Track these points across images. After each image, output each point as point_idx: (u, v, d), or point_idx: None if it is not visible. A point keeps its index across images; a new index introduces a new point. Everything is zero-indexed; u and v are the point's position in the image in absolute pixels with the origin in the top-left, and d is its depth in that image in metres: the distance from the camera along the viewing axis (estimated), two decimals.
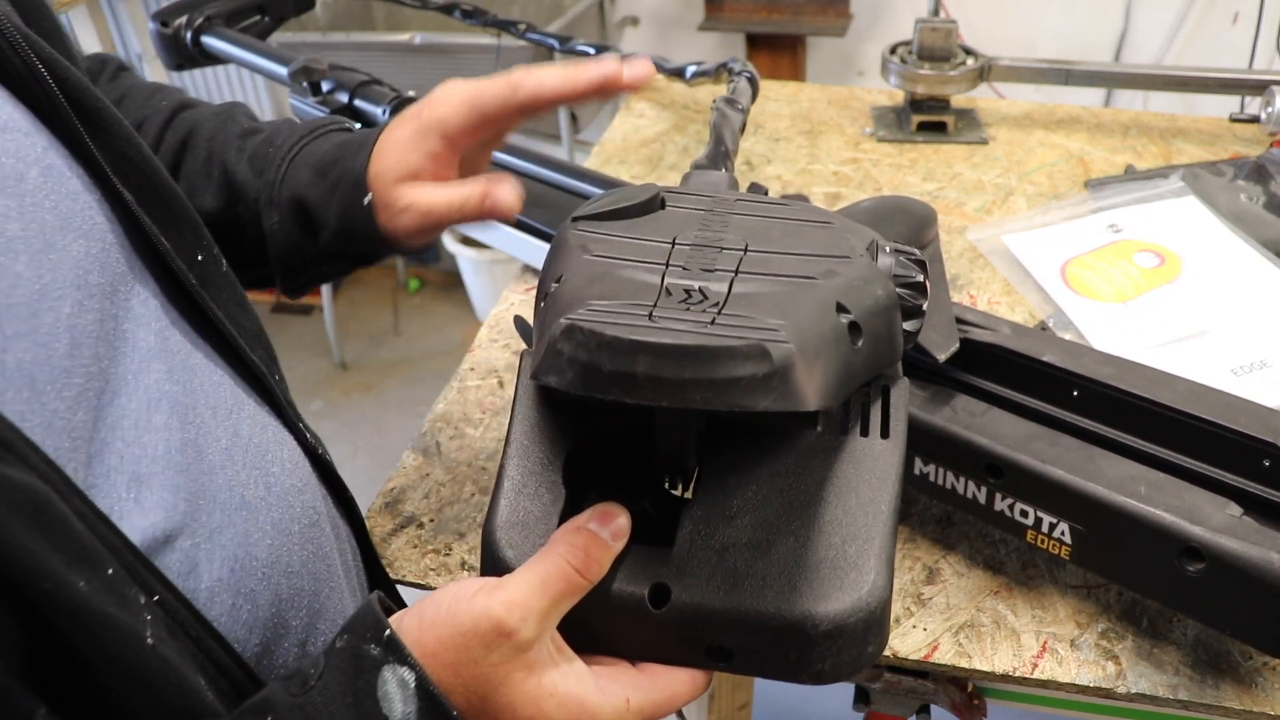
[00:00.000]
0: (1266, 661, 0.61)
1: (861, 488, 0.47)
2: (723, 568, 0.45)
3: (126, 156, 0.47)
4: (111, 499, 0.40)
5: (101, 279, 0.43)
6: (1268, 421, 0.58)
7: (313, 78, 1.11)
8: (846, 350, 0.44)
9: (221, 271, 0.51)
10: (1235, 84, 1.25)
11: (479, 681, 0.41)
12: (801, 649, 0.44)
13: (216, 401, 0.47)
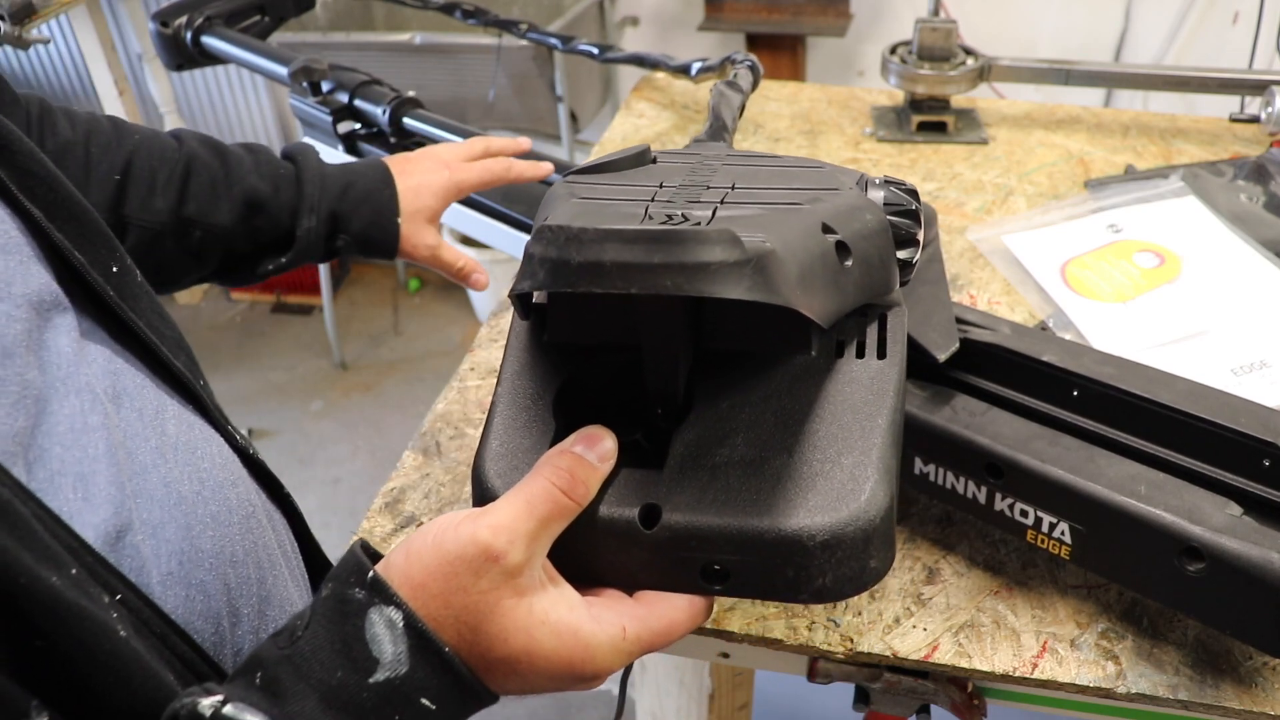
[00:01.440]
0: (1266, 661, 0.61)
1: (857, 404, 0.46)
2: (715, 485, 0.44)
3: (31, 172, 0.47)
4: (60, 500, 0.40)
5: (25, 290, 0.43)
6: (1268, 421, 0.58)
7: (313, 78, 1.11)
8: (834, 268, 0.43)
9: (137, 282, 0.52)
10: (1235, 84, 1.25)
11: (469, 610, 0.40)
12: (799, 564, 0.42)
13: (141, 405, 0.47)
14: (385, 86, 1.10)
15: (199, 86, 2.68)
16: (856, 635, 0.63)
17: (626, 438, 0.46)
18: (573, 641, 0.42)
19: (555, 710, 1.79)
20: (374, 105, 1.08)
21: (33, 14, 1.74)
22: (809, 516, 0.42)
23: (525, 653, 0.41)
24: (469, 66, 2.21)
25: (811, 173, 0.51)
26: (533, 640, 0.41)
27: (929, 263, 0.72)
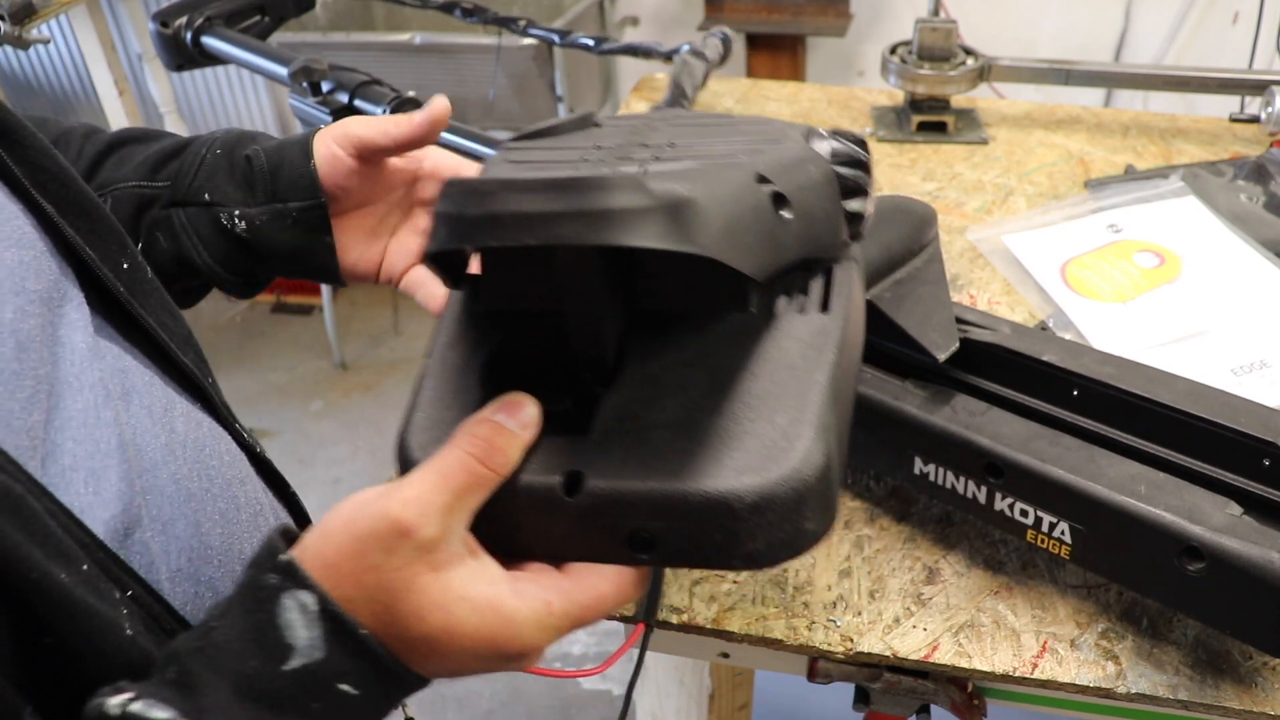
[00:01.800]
0: (1266, 661, 0.61)
1: (795, 360, 0.43)
2: (641, 449, 0.41)
3: (43, 168, 0.47)
4: (72, 495, 0.40)
5: (38, 285, 0.43)
6: (1268, 421, 0.58)
7: (313, 78, 1.11)
8: (770, 219, 0.42)
9: (148, 279, 0.52)
10: (1235, 84, 1.25)
11: (383, 589, 0.39)
12: (728, 528, 0.40)
13: (150, 401, 0.47)
14: (385, 86, 1.10)
15: (199, 86, 2.68)
16: (856, 635, 0.63)
17: (556, 406, 0.44)
18: (494, 617, 0.40)
19: (555, 710, 1.79)
20: (374, 105, 1.08)
21: (33, 14, 1.74)
22: (736, 477, 0.40)
23: (444, 630, 0.39)
24: (469, 66, 2.22)
25: (757, 128, 0.49)
26: (451, 617, 0.39)
27: (929, 263, 0.72)
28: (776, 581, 0.67)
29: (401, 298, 3.06)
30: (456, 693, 1.82)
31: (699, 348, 0.45)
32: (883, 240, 0.71)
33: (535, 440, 0.42)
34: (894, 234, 0.72)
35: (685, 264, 0.39)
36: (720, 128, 0.50)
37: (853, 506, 0.73)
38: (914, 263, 0.72)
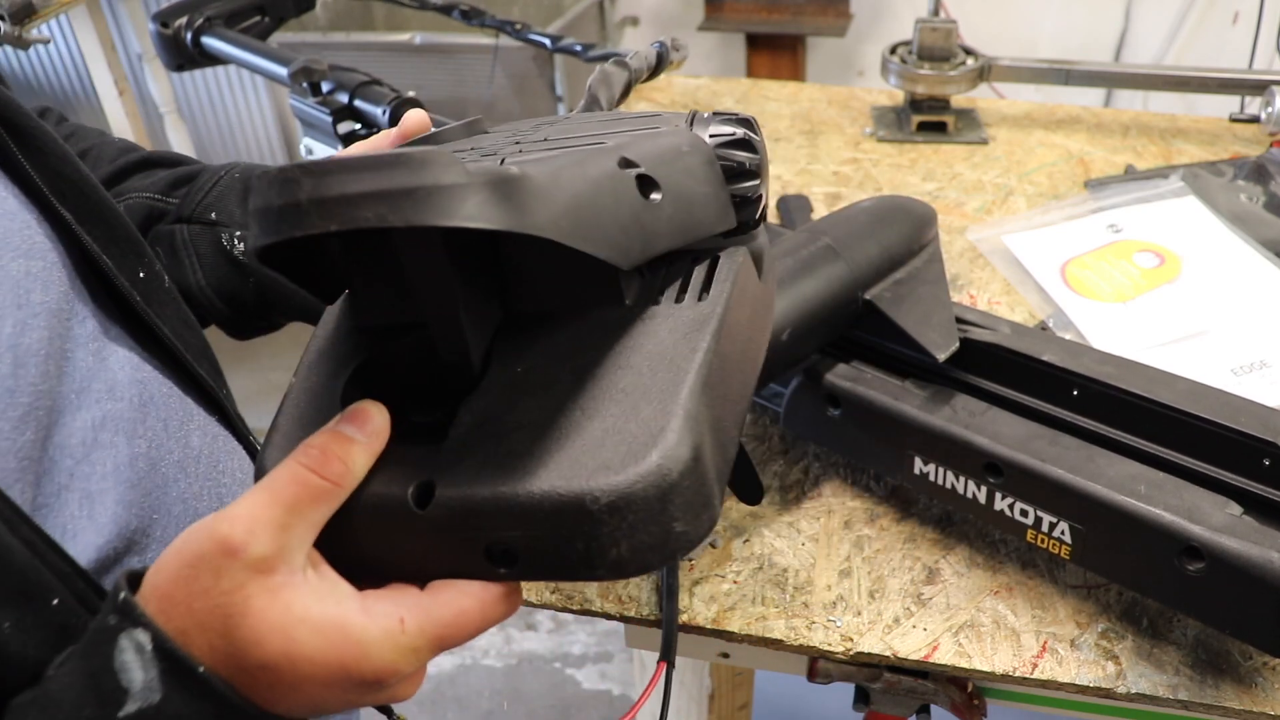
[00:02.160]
0: (1266, 661, 0.61)
1: (667, 351, 0.40)
2: (497, 455, 0.38)
3: (63, 175, 0.46)
4: (64, 517, 0.39)
5: (45, 298, 0.42)
6: (1268, 421, 0.58)
7: (313, 78, 1.11)
8: (635, 204, 0.39)
9: (164, 288, 0.51)
10: (1235, 84, 1.25)
11: (215, 615, 0.35)
12: (587, 534, 0.37)
13: (167, 414, 0.47)
14: (385, 86, 1.10)
15: (199, 87, 2.68)
16: (856, 635, 0.63)
17: (424, 419, 0.41)
18: (339, 638, 0.36)
19: (555, 710, 1.79)
20: (374, 105, 1.08)
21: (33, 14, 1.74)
22: (592, 478, 0.36)
23: (285, 656, 0.36)
24: (469, 66, 2.22)
25: (642, 120, 0.48)
26: (291, 641, 0.35)
27: (929, 262, 0.72)
28: (776, 581, 0.67)
29: None
30: (457, 693, 1.83)
31: (570, 346, 0.42)
32: (883, 240, 0.71)
33: (386, 452, 0.39)
34: (894, 234, 0.72)
35: (555, 260, 0.37)
36: (606, 122, 0.48)
37: (853, 506, 0.73)
38: (914, 262, 0.72)
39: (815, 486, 0.74)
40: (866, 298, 0.68)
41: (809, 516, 0.72)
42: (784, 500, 0.73)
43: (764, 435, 0.79)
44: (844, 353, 0.71)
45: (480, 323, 0.42)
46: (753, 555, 0.69)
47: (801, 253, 0.68)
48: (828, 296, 0.66)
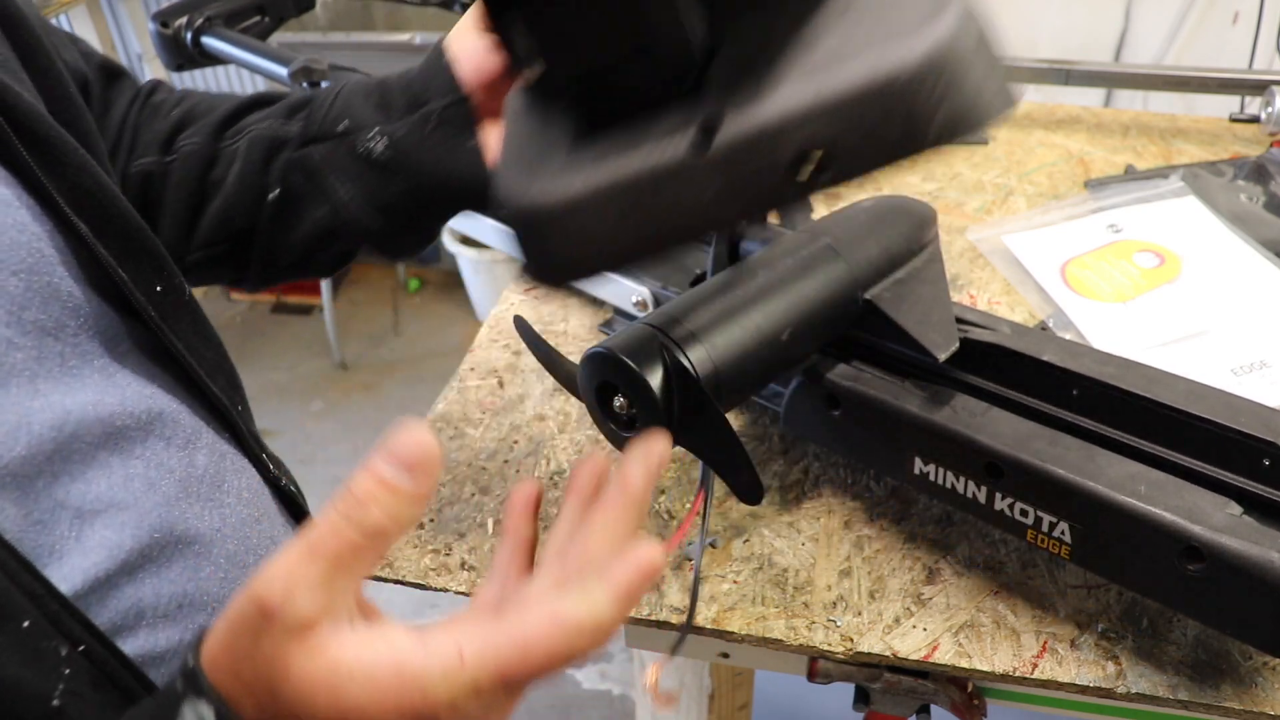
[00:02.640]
0: (1267, 661, 0.61)
1: None
2: (770, 78, 0.35)
3: (81, 187, 0.45)
4: (53, 537, 0.39)
5: (42, 315, 0.42)
6: (1268, 421, 0.58)
7: (313, 78, 1.11)
8: None
9: (183, 301, 0.50)
10: (1235, 84, 1.25)
11: (260, 681, 0.33)
12: (908, 106, 0.34)
13: (172, 432, 0.46)
14: None
15: (199, 86, 2.68)
16: (856, 635, 0.63)
17: (664, 113, 0.37)
18: (394, 682, 0.34)
19: (555, 710, 1.79)
20: None
21: None
22: (889, 50, 0.34)
23: (336, 712, 0.34)
24: None
25: None
26: (339, 698, 0.33)
27: (929, 262, 0.72)
28: (776, 581, 0.67)
29: (402, 298, 3.05)
30: None
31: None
32: (883, 240, 0.71)
33: (645, 119, 0.36)
34: (894, 234, 0.72)
35: None
36: None
37: (853, 506, 0.73)
38: (914, 262, 0.72)
39: (815, 486, 0.74)
40: (866, 298, 0.68)
41: (809, 516, 0.72)
42: (784, 500, 0.73)
43: (764, 435, 0.79)
44: (844, 353, 0.71)
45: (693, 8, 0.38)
46: (753, 555, 0.69)
47: (801, 253, 0.68)
48: (828, 296, 0.66)
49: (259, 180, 0.62)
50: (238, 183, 0.62)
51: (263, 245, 0.64)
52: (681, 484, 0.75)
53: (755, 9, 0.38)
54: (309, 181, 0.61)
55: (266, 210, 0.62)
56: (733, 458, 0.61)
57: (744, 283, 0.65)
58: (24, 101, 0.44)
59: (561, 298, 0.99)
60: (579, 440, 0.80)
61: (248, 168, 0.62)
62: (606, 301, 0.94)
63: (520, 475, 0.77)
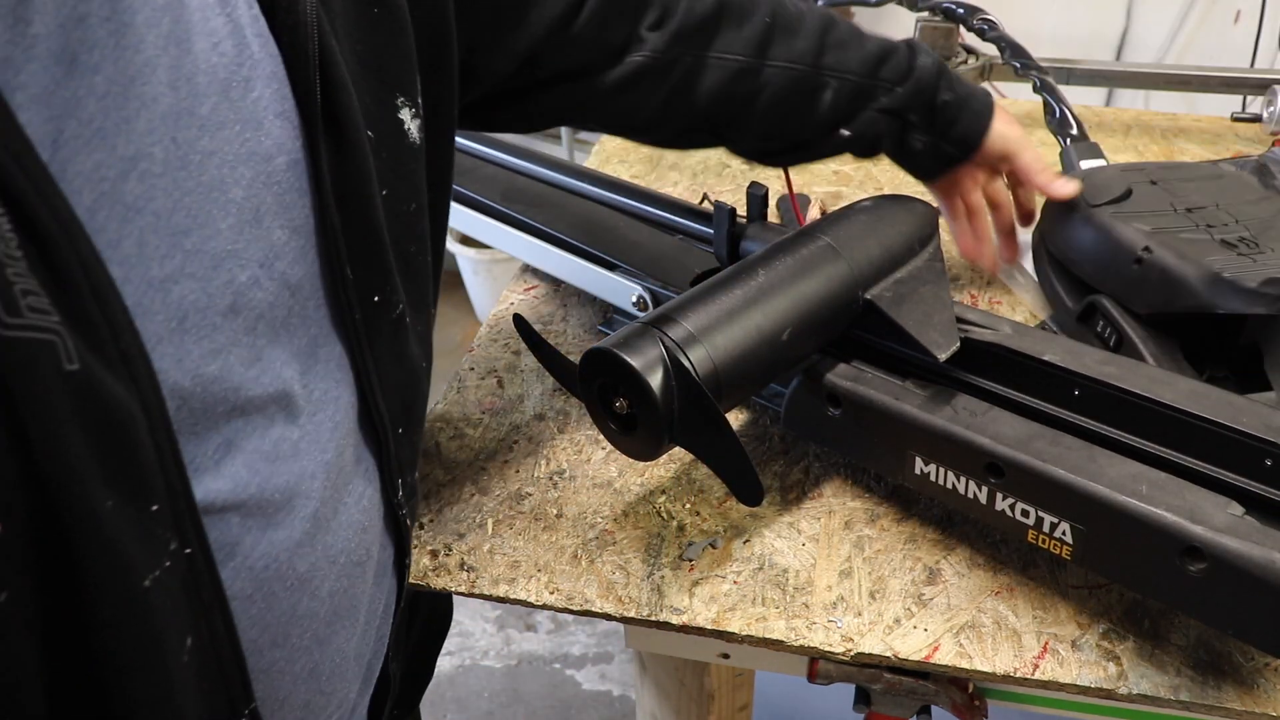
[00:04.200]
0: (1268, 662, 0.61)
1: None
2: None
3: (352, 184, 0.48)
4: (200, 452, 0.41)
5: (288, 270, 0.44)
6: (1269, 421, 0.58)
7: None
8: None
9: (391, 318, 0.52)
10: (1237, 83, 1.25)
11: None
12: None
13: (324, 418, 0.48)
14: None
15: None
16: (857, 636, 0.63)
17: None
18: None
19: (555, 710, 1.79)
20: None
21: None
22: None
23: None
24: None
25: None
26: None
27: (930, 262, 0.72)
28: (777, 582, 0.67)
29: None
30: (457, 693, 1.82)
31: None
32: (883, 239, 0.71)
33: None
34: (894, 233, 0.72)
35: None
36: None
37: (853, 507, 0.72)
38: (915, 262, 0.72)
39: (815, 487, 0.74)
40: (867, 297, 0.68)
41: (809, 517, 0.72)
42: (784, 500, 0.73)
43: (764, 435, 0.79)
44: (844, 353, 0.71)
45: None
46: (753, 555, 0.69)
47: (801, 252, 0.68)
48: (828, 296, 0.66)
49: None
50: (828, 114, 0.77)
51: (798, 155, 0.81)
52: (681, 484, 0.75)
53: None
54: (876, 129, 0.79)
55: (831, 143, 0.79)
56: (733, 458, 0.61)
57: (744, 283, 0.64)
58: (348, 98, 0.46)
59: (562, 297, 0.99)
60: (579, 440, 0.80)
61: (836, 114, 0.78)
62: (606, 301, 0.94)
63: (520, 475, 0.76)
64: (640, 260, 0.90)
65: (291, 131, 0.44)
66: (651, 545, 0.70)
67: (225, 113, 0.41)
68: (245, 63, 0.41)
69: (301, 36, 0.43)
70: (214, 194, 0.40)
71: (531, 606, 0.66)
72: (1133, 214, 0.80)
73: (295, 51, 0.44)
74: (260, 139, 0.42)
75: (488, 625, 1.95)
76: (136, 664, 0.37)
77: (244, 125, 0.41)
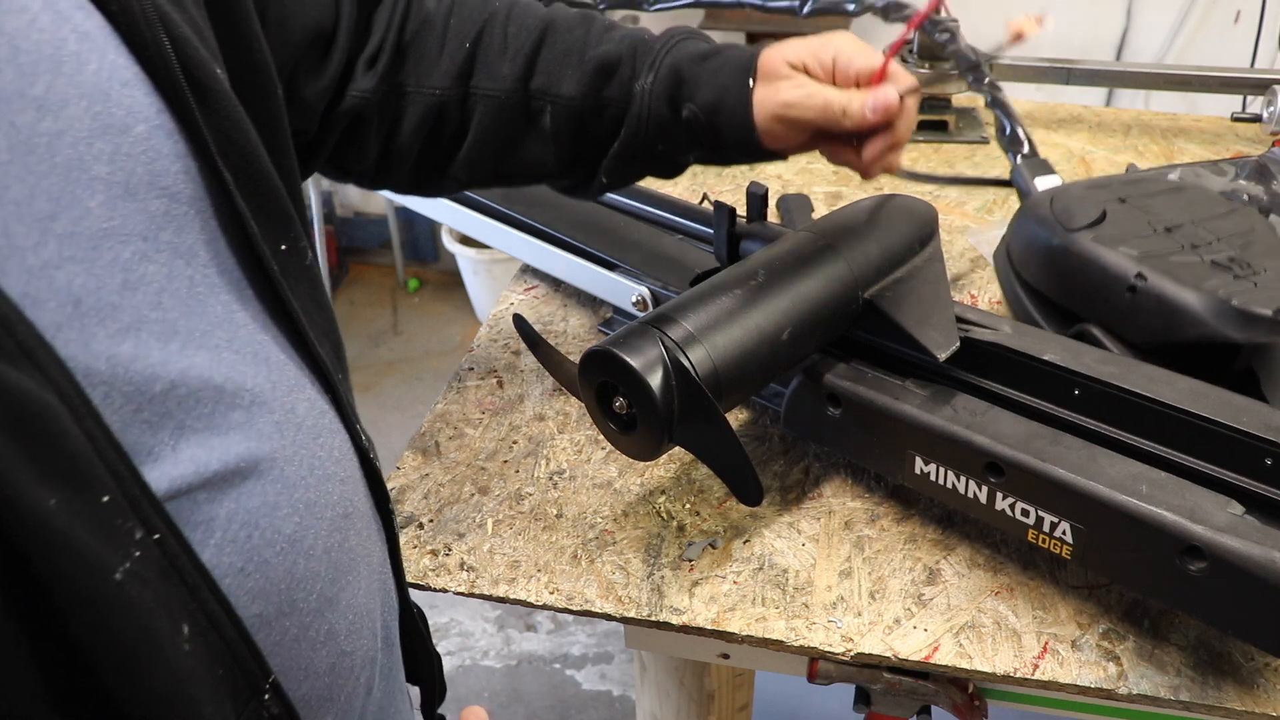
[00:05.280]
0: (1269, 662, 0.60)
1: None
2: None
3: (232, 139, 0.47)
4: (153, 439, 0.40)
5: (176, 239, 0.43)
6: (1270, 420, 0.58)
7: None
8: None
9: (303, 265, 0.52)
10: (1237, 83, 1.25)
11: None
12: None
13: (278, 378, 0.48)
14: None
15: None
16: (857, 636, 0.63)
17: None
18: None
19: (555, 710, 1.79)
20: None
21: None
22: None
23: None
24: None
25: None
26: None
27: (930, 262, 0.72)
28: (777, 582, 0.67)
29: (401, 297, 3.04)
30: (456, 693, 1.82)
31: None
32: (883, 239, 0.71)
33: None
34: (894, 233, 0.72)
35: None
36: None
37: (853, 507, 0.72)
38: (914, 262, 0.72)
39: (815, 487, 0.74)
40: (867, 297, 0.68)
41: (809, 517, 0.72)
42: (784, 500, 0.73)
43: (764, 435, 0.79)
44: (844, 352, 0.71)
45: None
46: (753, 556, 0.69)
47: (801, 252, 0.68)
48: (828, 296, 0.66)
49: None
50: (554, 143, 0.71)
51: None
52: (681, 484, 0.75)
53: None
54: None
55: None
56: (732, 458, 0.61)
57: (744, 282, 0.64)
58: (199, 54, 0.46)
59: (562, 297, 0.99)
60: (579, 440, 0.80)
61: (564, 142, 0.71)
62: (606, 301, 0.94)
63: (520, 475, 0.76)
64: (640, 260, 0.90)
65: (145, 97, 0.43)
66: (651, 545, 0.70)
67: (64, 89, 0.40)
68: (70, 36, 0.41)
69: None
70: (74, 174, 0.39)
71: (531, 606, 0.66)
72: (1114, 237, 0.76)
73: (126, 15, 0.43)
74: (111, 110, 0.41)
75: (488, 625, 1.95)
76: (132, 661, 0.37)
77: (89, 100, 0.40)
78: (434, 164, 0.72)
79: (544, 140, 0.70)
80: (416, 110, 0.68)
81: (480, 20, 0.70)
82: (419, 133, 0.69)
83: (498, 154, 0.71)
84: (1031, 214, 0.81)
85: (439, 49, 0.69)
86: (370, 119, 0.68)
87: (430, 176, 0.73)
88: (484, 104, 0.69)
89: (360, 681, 0.51)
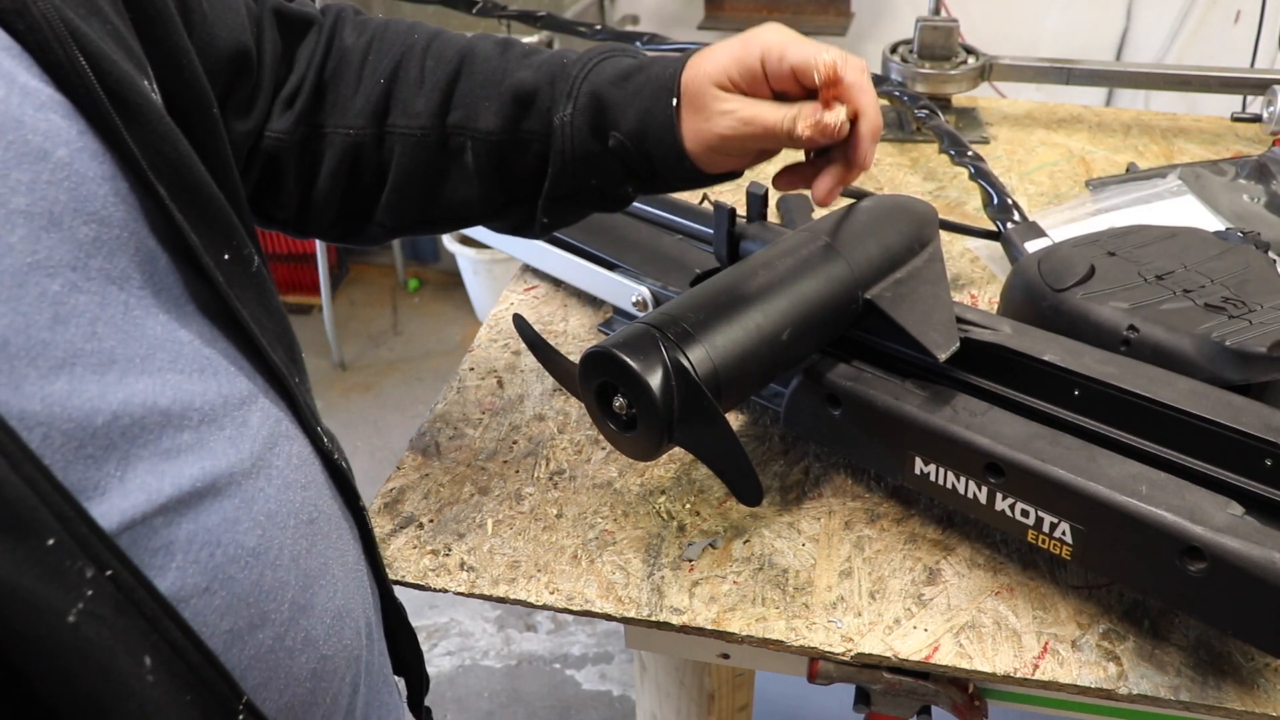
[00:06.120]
0: (1269, 662, 0.60)
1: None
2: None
3: (162, 152, 0.46)
4: (99, 474, 0.39)
5: (108, 265, 0.42)
6: (1270, 421, 0.58)
7: None
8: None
9: (249, 272, 0.51)
10: (1237, 83, 1.25)
11: None
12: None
13: (228, 392, 0.47)
14: None
15: None
16: (857, 636, 0.63)
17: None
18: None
19: (555, 710, 1.79)
20: None
21: None
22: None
23: None
24: None
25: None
26: None
27: (930, 262, 0.72)
28: (777, 582, 0.67)
29: (401, 297, 3.04)
30: (456, 693, 1.82)
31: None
32: (883, 240, 0.71)
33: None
34: (894, 233, 0.72)
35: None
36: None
37: (853, 507, 0.72)
38: (914, 262, 0.72)
39: (815, 487, 0.74)
40: (867, 297, 0.68)
41: (809, 517, 0.72)
42: (784, 500, 0.73)
43: (764, 435, 0.79)
44: (844, 353, 0.71)
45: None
46: (753, 556, 0.69)
47: (801, 252, 0.68)
48: (828, 296, 0.66)
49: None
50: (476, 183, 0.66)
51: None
52: (681, 484, 0.75)
53: None
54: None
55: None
56: (732, 458, 0.61)
57: (744, 283, 0.64)
58: (118, 68, 0.45)
59: (562, 297, 0.99)
60: (579, 440, 0.80)
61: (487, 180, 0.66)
62: (606, 301, 0.94)
63: (520, 475, 0.76)
64: (640, 260, 0.90)
65: (63, 120, 0.41)
66: (651, 545, 0.70)
67: None
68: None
69: (33, 17, 0.41)
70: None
71: (531, 607, 0.66)
72: (1104, 292, 0.74)
73: (35, 34, 0.41)
74: (26, 137, 0.39)
75: (488, 625, 1.95)
76: (94, 701, 0.36)
77: (0, 129, 0.38)
78: (358, 209, 0.68)
79: (468, 179, 0.66)
80: (334, 152, 0.65)
81: (398, 55, 0.66)
82: (337, 176, 0.65)
83: (421, 196, 0.66)
84: (1020, 277, 0.80)
85: (355, 86, 0.65)
86: (288, 162, 0.65)
87: (354, 224, 0.69)
88: (401, 143, 0.65)
89: (346, 682, 0.51)
